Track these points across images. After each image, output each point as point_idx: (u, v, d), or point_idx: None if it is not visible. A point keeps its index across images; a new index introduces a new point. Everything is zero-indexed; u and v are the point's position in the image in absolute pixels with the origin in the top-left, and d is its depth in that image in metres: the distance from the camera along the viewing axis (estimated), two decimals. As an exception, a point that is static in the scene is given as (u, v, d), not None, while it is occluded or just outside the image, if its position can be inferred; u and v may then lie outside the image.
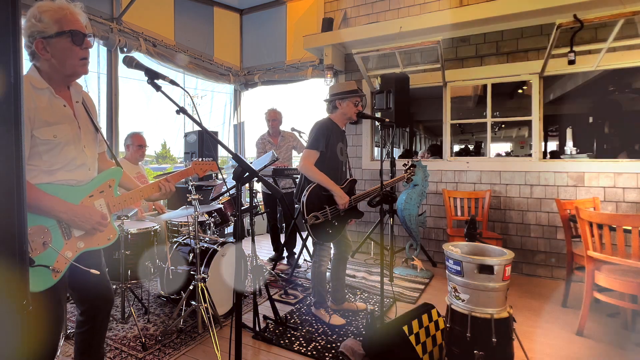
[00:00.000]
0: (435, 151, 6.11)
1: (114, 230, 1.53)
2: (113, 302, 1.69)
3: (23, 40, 1.33)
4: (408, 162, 2.94)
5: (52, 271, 1.31)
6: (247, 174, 1.37)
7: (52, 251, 1.32)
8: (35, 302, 1.32)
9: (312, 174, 2.51)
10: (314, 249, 2.72)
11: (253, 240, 2.68)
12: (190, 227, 3.08)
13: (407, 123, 4.01)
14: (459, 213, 3.97)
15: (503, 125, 10.71)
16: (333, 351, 2.27)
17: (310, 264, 4.05)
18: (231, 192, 3.41)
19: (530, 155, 3.91)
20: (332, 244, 2.71)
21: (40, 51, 1.33)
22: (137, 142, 3.36)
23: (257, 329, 2.47)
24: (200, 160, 1.85)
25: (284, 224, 4.57)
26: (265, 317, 2.69)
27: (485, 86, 4.16)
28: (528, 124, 3.92)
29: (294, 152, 4.37)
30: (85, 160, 1.47)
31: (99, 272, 1.47)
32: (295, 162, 4.39)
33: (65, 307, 1.50)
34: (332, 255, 2.81)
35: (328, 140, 2.58)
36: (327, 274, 2.78)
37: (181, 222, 3.21)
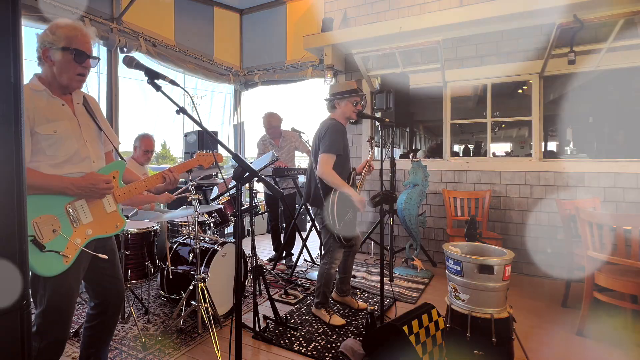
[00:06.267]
0: (434, 152, 6.10)
1: (121, 219, 1.61)
2: (124, 298, 1.75)
3: (35, 46, 1.47)
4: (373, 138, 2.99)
5: (62, 257, 1.40)
6: (247, 174, 1.38)
7: (62, 238, 1.41)
8: (48, 288, 1.39)
9: (332, 179, 2.48)
10: (328, 250, 2.65)
11: (253, 240, 2.68)
12: (190, 227, 3.08)
13: (407, 123, 4.01)
14: (459, 213, 3.97)
15: (503, 125, 10.71)
16: (333, 351, 2.27)
17: (310, 263, 4.06)
18: (231, 192, 3.41)
19: (530, 155, 3.91)
20: None
21: (45, 58, 1.46)
22: (144, 146, 3.24)
23: (257, 329, 2.47)
24: (204, 152, 1.89)
25: (284, 224, 4.57)
26: (265, 317, 2.69)
27: (485, 86, 4.16)
28: (528, 124, 3.92)
29: (297, 152, 4.34)
30: (89, 153, 1.54)
31: (107, 257, 1.56)
32: (297, 163, 4.38)
33: (75, 301, 1.54)
34: None
35: (344, 141, 2.62)
36: None
37: (181, 222, 3.21)
